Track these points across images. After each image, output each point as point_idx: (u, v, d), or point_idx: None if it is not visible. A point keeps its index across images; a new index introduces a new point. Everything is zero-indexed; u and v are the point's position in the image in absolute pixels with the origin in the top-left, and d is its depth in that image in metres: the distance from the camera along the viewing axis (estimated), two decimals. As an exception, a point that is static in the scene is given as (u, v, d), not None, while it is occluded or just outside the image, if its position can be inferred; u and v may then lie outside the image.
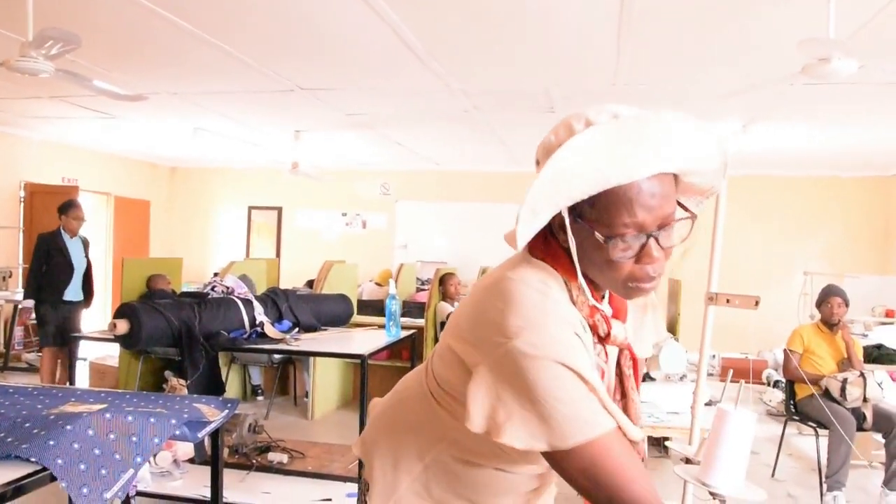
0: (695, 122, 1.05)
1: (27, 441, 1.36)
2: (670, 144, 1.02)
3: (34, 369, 7.52)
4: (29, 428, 1.44)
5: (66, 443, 1.38)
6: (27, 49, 3.25)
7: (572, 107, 5.83)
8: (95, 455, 1.40)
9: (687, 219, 1.07)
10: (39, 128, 8.32)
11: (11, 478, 1.27)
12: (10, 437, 1.41)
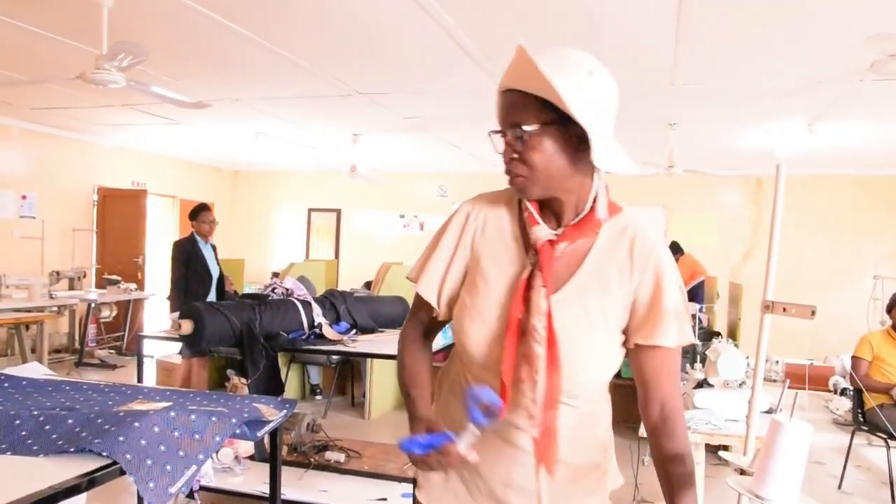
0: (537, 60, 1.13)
1: (99, 436, 1.43)
2: (512, 69, 1.19)
3: (106, 366, 7.83)
4: (101, 423, 1.51)
5: (135, 439, 1.44)
6: (101, 61, 3.40)
7: (630, 107, 5.78)
8: (161, 451, 1.46)
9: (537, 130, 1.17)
10: (111, 135, 8.66)
11: (86, 470, 1.34)
12: (84, 432, 1.49)
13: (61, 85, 5.37)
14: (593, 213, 1.26)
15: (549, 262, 1.23)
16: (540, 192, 1.24)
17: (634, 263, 1.26)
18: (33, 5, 3.85)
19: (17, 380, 2.10)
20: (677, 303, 1.24)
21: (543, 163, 1.19)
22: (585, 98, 1.15)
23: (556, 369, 1.19)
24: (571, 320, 1.22)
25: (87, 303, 7.78)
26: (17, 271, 7.39)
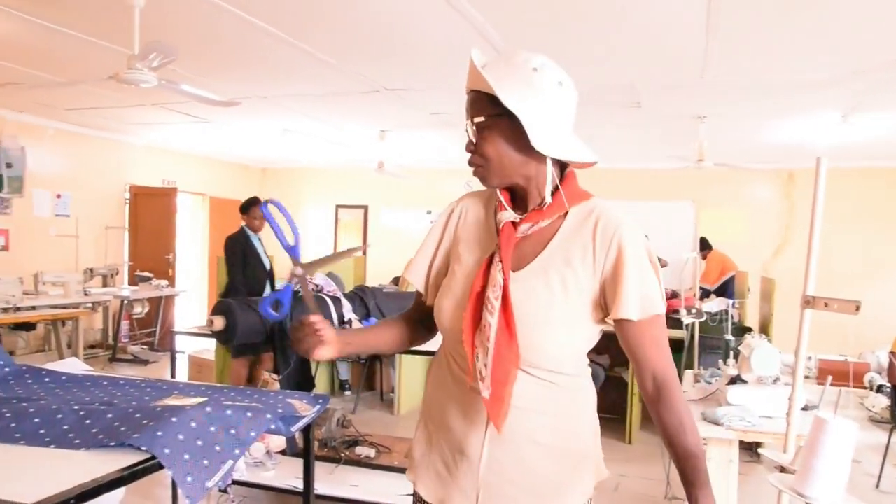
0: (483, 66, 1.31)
1: (138, 431, 1.46)
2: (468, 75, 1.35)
3: (139, 361, 7.95)
4: (139, 418, 1.54)
5: (172, 434, 1.46)
6: (133, 62, 3.44)
7: (660, 101, 5.73)
8: (198, 446, 1.48)
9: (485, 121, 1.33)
10: (142, 133, 8.78)
11: (126, 464, 1.36)
12: (123, 427, 1.51)
13: (94, 85, 5.46)
14: (556, 198, 1.36)
15: (507, 240, 1.35)
16: (498, 181, 1.37)
17: (597, 242, 1.33)
18: (67, 8, 3.91)
19: (57, 375, 2.14)
20: (639, 276, 1.31)
21: (495, 152, 1.33)
22: (525, 90, 1.28)
23: (511, 337, 1.28)
24: (531, 293, 1.32)
25: (120, 299, 7.92)
26: (54, 269, 7.53)
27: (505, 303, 1.29)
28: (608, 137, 7.78)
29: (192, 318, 10.10)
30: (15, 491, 1.18)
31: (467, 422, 1.38)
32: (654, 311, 1.32)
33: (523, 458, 1.35)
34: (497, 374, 1.29)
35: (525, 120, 1.27)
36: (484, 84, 1.29)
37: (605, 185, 10.38)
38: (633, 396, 5.22)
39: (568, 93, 1.36)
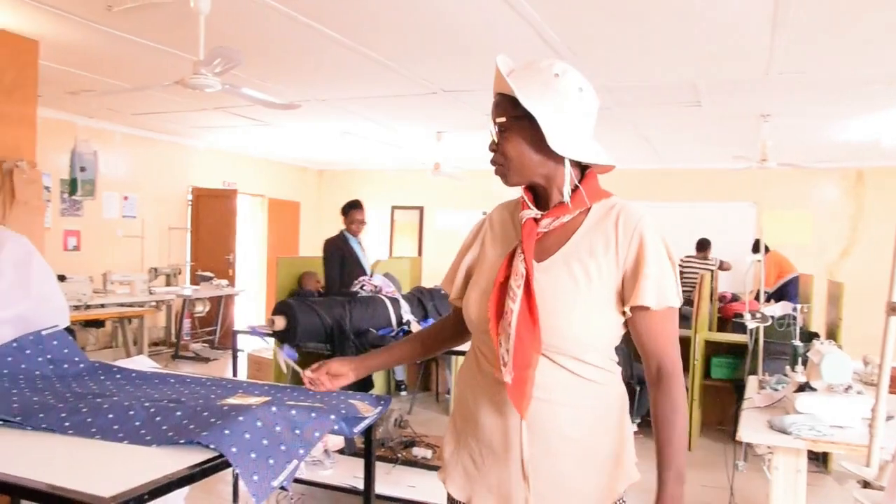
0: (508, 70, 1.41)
1: (206, 429, 1.48)
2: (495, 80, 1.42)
3: (200, 358, 8.16)
4: (207, 416, 1.56)
5: (239, 433, 1.48)
6: (198, 67, 3.53)
7: (720, 99, 5.59)
8: (264, 445, 1.50)
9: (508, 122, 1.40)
10: (204, 137, 9.01)
11: (194, 462, 1.38)
12: (192, 424, 1.54)
13: (160, 91, 5.61)
14: (577, 195, 1.42)
15: (529, 233, 1.41)
16: (517, 179, 1.45)
17: (620, 233, 1.39)
18: (135, 17, 4.04)
19: (127, 372, 2.20)
20: (658, 268, 1.35)
21: (515, 151, 1.40)
22: (546, 95, 1.35)
23: (533, 322, 1.34)
24: (555, 280, 1.38)
25: (183, 298, 8.13)
26: (121, 268, 7.79)
27: (528, 290, 1.35)
28: (666, 138, 7.64)
29: (250, 317, 10.32)
30: (93, 485, 1.22)
31: (495, 415, 1.43)
32: (668, 304, 1.36)
33: (552, 452, 1.38)
34: (518, 359, 1.34)
35: (542, 121, 1.33)
36: (508, 87, 1.36)
37: (662, 186, 10.24)
38: (694, 402, 5.11)
39: (588, 98, 1.42)
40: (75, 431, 1.58)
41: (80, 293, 6.21)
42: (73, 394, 1.90)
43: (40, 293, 2.19)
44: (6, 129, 3.51)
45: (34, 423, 1.62)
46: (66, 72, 5.38)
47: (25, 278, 2.16)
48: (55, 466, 1.38)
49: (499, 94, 1.43)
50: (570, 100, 1.38)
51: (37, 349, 2.15)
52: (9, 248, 2.15)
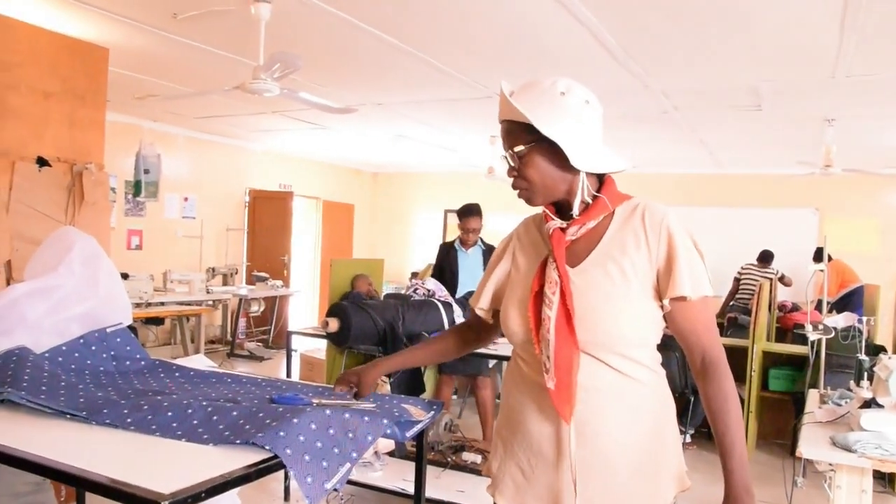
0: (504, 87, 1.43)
1: (262, 430, 1.51)
2: (499, 106, 1.45)
3: (254, 357, 8.32)
4: (262, 417, 1.59)
5: (294, 435, 1.51)
6: (258, 72, 3.60)
7: (783, 104, 5.44)
8: (317, 448, 1.51)
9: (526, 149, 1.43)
10: (262, 140, 9.19)
11: (249, 462, 1.41)
12: (247, 425, 1.57)
13: (221, 95, 5.75)
14: (599, 201, 1.46)
15: (558, 242, 1.45)
16: (542, 199, 1.49)
17: (648, 230, 1.43)
18: (198, 25, 4.15)
19: (186, 370, 2.26)
20: (689, 259, 1.39)
21: (537, 175, 1.44)
22: (558, 116, 1.38)
23: (570, 329, 1.38)
24: (591, 281, 1.42)
25: (239, 298, 8.29)
26: (180, 267, 8.00)
27: (563, 296, 1.39)
28: (725, 142, 7.48)
29: (304, 317, 10.47)
30: (152, 481, 1.25)
31: (543, 421, 1.45)
32: (704, 293, 1.39)
33: (601, 455, 1.39)
34: (560, 363, 1.38)
35: (563, 144, 1.37)
36: (517, 114, 1.38)
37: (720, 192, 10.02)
38: (750, 414, 4.97)
39: (595, 109, 1.46)
40: (136, 428, 1.63)
41: (141, 291, 6.41)
42: (134, 391, 1.96)
43: (106, 291, 2.26)
44: (78, 133, 3.64)
45: (98, 418, 1.67)
46: (133, 77, 5.56)
47: (93, 277, 2.23)
48: (117, 461, 1.42)
49: (508, 120, 1.45)
50: (580, 115, 1.42)
51: (102, 346, 2.22)
52: (78, 248, 2.22)
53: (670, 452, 1.47)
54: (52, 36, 3.59)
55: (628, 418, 1.40)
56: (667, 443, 1.46)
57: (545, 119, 1.37)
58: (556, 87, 1.42)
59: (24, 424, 1.65)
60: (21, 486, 2.25)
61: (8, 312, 2.08)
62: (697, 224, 8.70)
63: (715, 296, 1.46)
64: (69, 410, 1.71)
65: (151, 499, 1.18)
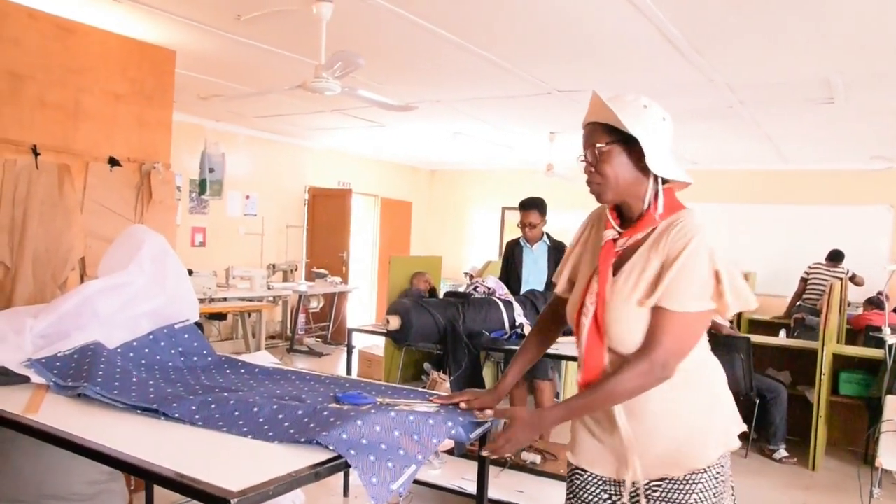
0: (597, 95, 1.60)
1: (326, 429, 1.51)
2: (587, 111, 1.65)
3: (314, 353, 8.43)
4: (327, 416, 1.60)
5: (357, 437, 1.51)
6: (319, 71, 3.64)
7: (856, 95, 5.22)
8: (382, 450, 1.51)
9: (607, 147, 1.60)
10: (320, 138, 9.31)
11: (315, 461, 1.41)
12: (312, 423, 1.58)
13: (281, 94, 5.84)
14: (649, 213, 1.61)
15: (606, 257, 1.65)
16: (612, 196, 1.64)
17: (669, 244, 1.56)
18: (261, 25, 4.22)
19: (251, 367, 2.30)
20: (682, 273, 1.52)
21: (612, 172, 1.60)
22: (640, 122, 1.56)
23: (600, 337, 1.61)
24: (618, 293, 1.59)
25: (298, 294, 8.41)
26: (242, 264, 8.17)
27: (597, 307, 1.61)
28: (792, 137, 7.24)
29: (361, 314, 10.57)
30: (220, 477, 1.27)
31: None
32: (680, 308, 1.53)
33: (650, 426, 1.61)
34: (588, 364, 1.63)
35: (644, 144, 1.55)
36: (604, 116, 1.59)
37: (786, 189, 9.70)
38: (819, 419, 4.80)
39: (669, 125, 1.64)
40: (204, 423, 1.66)
41: (205, 287, 6.56)
42: (202, 386, 2.00)
43: (174, 289, 2.32)
44: (146, 133, 3.75)
45: (168, 411, 1.71)
46: (199, 78, 5.70)
47: (161, 275, 2.29)
48: (185, 456, 1.45)
49: (592, 123, 1.63)
50: (656, 127, 1.60)
51: (170, 342, 2.28)
52: (148, 246, 2.28)
53: (717, 420, 1.65)
54: (122, 40, 3.70)
55: (669, 397, 1.58)
56: (713, 414, 1.65)
57: (631, 122, 1.55)
58: (640, 100, 1.61)
59: (98, 417, 1.70)
60: (96, 476, 2.33)
61: (83, 308, 2.15)
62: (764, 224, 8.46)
63: (701, 311, 1.56)
64: (141, 405, 1.75)
65: (220, 496, 1.20)
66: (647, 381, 1.54)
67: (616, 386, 1.54)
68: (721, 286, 1.54)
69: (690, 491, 1.60)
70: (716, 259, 1.55)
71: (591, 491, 1.74)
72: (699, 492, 1.60)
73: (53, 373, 1.95)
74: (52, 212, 3.26)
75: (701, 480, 1.61)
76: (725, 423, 1.67)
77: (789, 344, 5.79)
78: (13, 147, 3.15)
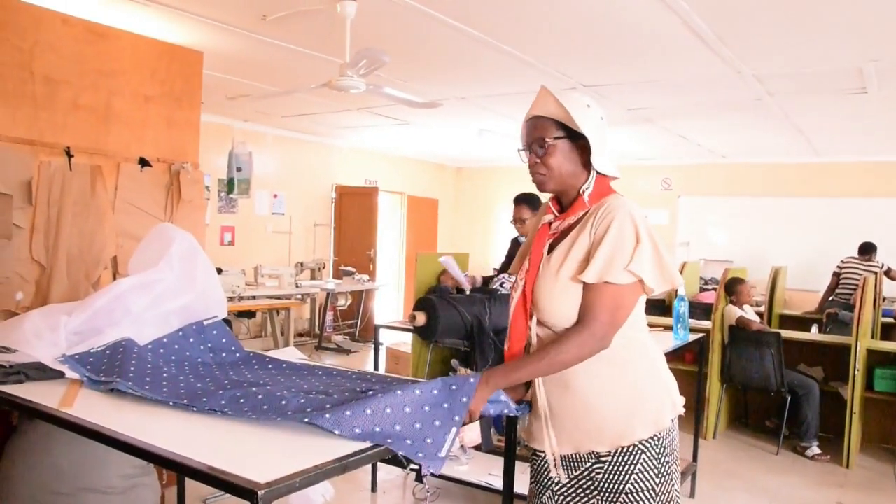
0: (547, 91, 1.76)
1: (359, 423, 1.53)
2: (534, 105, 1.79)
3: (342, 350, 8.50)
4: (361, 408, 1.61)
5: (390, 426, 1.54)
6: (344, 69, 3.67)
7: (890, 85, 5.12)
8: (416, 429, 1.54)
9: (554, 141, 1.74)
10: (347, 136, 9.36)
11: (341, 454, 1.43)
12: (348, 411, 1.59)
13: (307, 93, 5.89)
14: (580, 198, 1.75)
15: (540, 237, 1.82)
16: (553, 187, 1.79)
17: (596, 221, 1.69)
18: (286, 25, 4.26)
19: (278, 362, 2.33)
20: (612, 247, 1.63)
21: (557, 164, 1.74)
22: (587, 121, 1.71)
23: (525, 309, 1.77)
24: (547, 270, 1.74)
25: (326, 292, 8.48)
26: (270, 262, 8.26)
27: (526, 284, 1.76)
28: (823, 129, 7.12)
29: (389, 311, 10.62)
30: (249, 470, 1.29)
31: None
32: (610, 279, 1.62)
33: (564, 400, 1.75)
34: (513, 335, 1.79)
35: (592, 142, 1.70)
36: (554, 112, 1.72)
37: (818, 182, 9.56)
38: (854, 415, 4.72)
39: (606, 126, 1.78)
40: (232, 412, 1.69)
41: (234, 285, 6.64)
42: (230, 381, 2.03)
43: (203, 286, 2.35)
44: (175, 134, 3.80)
45: (198, 405, 1.74)
46: (226, 79, 5.77)
47: (191, 272, 2.32)
48: (216, 449, 1.47)
49: (539, 117, 1.76)
50: (598, 125, 1.74)
51: (199, 338, 2.32)
52: (177, 244, 2.32)
53: (646, 400, 1.72)
54: (151, 43, 3.76)
55: (592, 372, 1.69)
56: (643, 393, 1.73)
57: (581, 121, 1.69)
58: (583, 100, 1.75)
59: (130, 412, 1.74)
60: (129, 469, 2.38)
61: (115, 305, 2.19)
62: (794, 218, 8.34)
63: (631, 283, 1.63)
64: (172, 399, 1.78)
65: (248, 487, 1.22)
66: (585, 351, 1.65)
67: (557, 355, 1.64)
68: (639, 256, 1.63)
69: (630, 472, 1.70)
70: (641, 234, 1.65)
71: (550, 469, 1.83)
72: (639, 472, 1.70)
73: (87, 368, 1.99)
74: (84, 212, 3.33)
75: (640, 462, 1.70)
76: (657, 403, 1.74)
77: (822, 339, 5.70)
78: (48, 149, 3.22)
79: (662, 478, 1.73)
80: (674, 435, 1.78)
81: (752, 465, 4.83)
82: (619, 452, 1.71)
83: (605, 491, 1.73)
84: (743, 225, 9.76)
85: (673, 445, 1.77)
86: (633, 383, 1.74)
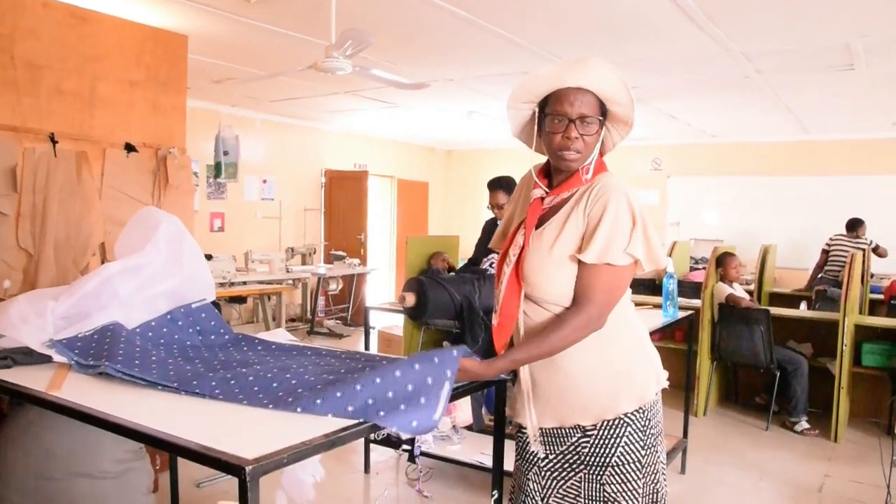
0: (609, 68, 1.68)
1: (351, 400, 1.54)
2: (587, 75, 1.67)
3: (333, 334, 8.51)
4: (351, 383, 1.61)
5: (381, 394, 1.54)
6: (330, 51, 3.64)
7: (878, 61, 5.13)
8: (409, 391, 1.54)
9: (597, 121, 1.70)
10: (335, 120, 9.32)
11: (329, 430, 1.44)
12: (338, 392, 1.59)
13: (294, 77, 5.84)
14: (577, 175, 1.73)
15: (533, 212, 1.77)
16: (577, 165, 1.73)
17: (590, 200, 1.69)
18: (271, 7, 4.22)
19: (267, 343, 2.33)
20: (610, 229, 1.64)
21: (593, 145, 1.72)
22: (633, 111, 1.74)
23: (517, 283, 1.73)
24: (539, 244, 1.72)
25: (317, 276, 8.47)
26: (260, 248, 8.24)
27: (519, 258, 1.73)
28: (812, 106, 7.13)
29: (381, 295, 10.63)
30: (238, 447, 1.30)
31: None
32: (609, 260, 1.63)
33: (548, 376, 1.75)
34: (505, 309, 1.75)
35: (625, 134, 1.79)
36: (611, 92, 1.69)
37: (808, 160, 9.58)
38: (841, 390, 4.77)
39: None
40: (224, 397, 1.69)
41: (224, 271, 6.62)
42: (220, 362, 2.03)
43: (190, 269, 2.35)
44: (161, 119, 3.78)
45: (188, 388, 1.74)
46: (211, 63, 5.72)
47: (178, 255, 2.32)
48: (206, 429, 1.48)
49: (588, 91, 1.68)
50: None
51: (188, 321, 2.31)
52: (164, 228, 2.31)
53: (631, 374, 1.74)
54: (135, 27, 3.72)
55: (578, 347, 1.67)
56: (628, 368, 1.74)
57: (631, 108, 1.73)
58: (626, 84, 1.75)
59: (120, 394, 1.74)
60: (122, 454, 2.38)
61: (102, 289, 2.19)
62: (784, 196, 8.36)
63: (628, 265, 1.65)
64: (161, 381, 1.79)
65: (236, 464, 1.23)
66: (584, 332, 1.66)
67: (556, 341, 1.64)
68: (635, 238, 1.64)
69: (615, 445, 1.72)
70: (636, 216, 1.66)
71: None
72: (625, 445, 1.72)
73: (75, 352, 1.99)
74: (71, 199, 3.31)
75: (625, 434, 1.72)
76: (642, 377, 1.76)
77: (810, 315, 5.75)
78: (32, 136, 3.20)
79: (648, 450, 1.75)
80: (658, 408, 1.80)
81: (741, 440, 4.88)
82: (605, 426, 1.72)
83: (591, 465, 1.74)
84: (733, 204, 9.80)
85: (658, 418, 1.79)
86: (619, 357, 1.75)
